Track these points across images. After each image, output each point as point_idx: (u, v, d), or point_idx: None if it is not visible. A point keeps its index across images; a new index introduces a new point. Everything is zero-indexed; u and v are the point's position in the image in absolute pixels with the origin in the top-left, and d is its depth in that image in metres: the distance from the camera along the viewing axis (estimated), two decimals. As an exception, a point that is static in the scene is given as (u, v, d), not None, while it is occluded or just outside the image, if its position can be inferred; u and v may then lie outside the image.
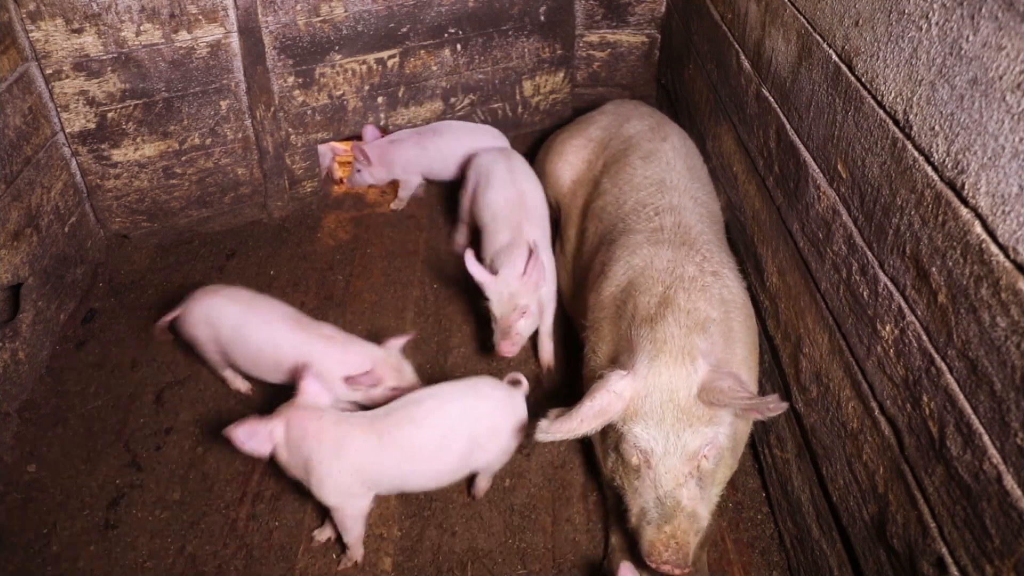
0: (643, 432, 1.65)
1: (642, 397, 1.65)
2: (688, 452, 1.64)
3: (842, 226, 1.64)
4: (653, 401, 1.64)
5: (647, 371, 1.66)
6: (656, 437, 1.64)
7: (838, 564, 1.66)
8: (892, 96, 1.43)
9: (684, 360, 1.66)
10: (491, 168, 2.67)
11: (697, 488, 1.67)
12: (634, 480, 1.71)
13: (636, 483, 1.70)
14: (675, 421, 1.63)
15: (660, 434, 1.64)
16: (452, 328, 2.58)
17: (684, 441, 1.64)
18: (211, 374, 2.39)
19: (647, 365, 1.67)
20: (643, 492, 1.68)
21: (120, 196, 2.77)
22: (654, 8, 3.31)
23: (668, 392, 1.64)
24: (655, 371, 1.65)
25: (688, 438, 1.64)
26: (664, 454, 1.64)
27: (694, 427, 1.63)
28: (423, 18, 2.97)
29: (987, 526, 1.14)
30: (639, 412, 1.65)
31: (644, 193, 2.29)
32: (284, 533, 1.98)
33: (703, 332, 1.75)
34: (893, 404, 1.43)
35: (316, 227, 3.05)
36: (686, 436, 1.63)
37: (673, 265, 1.95)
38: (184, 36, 2.58)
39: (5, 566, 1.88)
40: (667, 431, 1.64)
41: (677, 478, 1.64)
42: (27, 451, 2.16)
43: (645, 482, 1.67)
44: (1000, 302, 1.11)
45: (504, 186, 2.56)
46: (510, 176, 2.61)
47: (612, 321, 1.95)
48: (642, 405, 1.65)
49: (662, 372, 1.65)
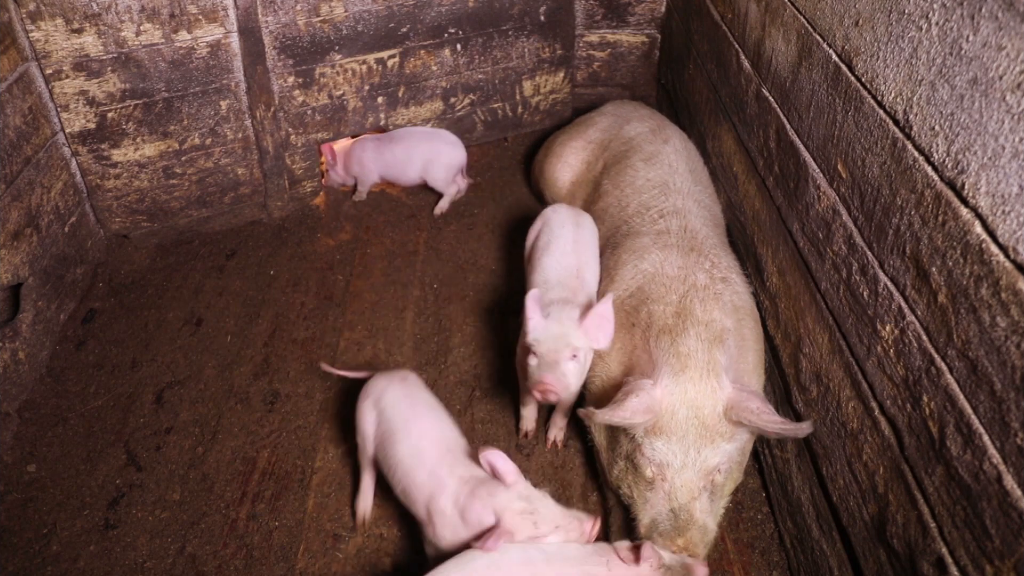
0: (664, 446, 1.64)
1: (669, 412, 1.64)
2: (706, 468, 1.64)
3: (842, 226, 1.64)
4: (679, 417, 1.63)
5: (674, 386, 1.65)
6: (676, 452, 1.64)
7: (838, 564, 1.66)
8: (892, 96, 1.43)
9: (709, 376, 1.66)
10: (557, 232, 2.31)
11: (708, 501, 1.67)
12: (645, 491, 1.70)
13: (648, 494, 1.69)
14: (697, 437, 1.63)
15: (680, 449, 1.64)
16: (452, 328, 2.58)
17: (704, 457, 1.64)
18: (211, 374, 2.40)
19: (673, 380, 1.66)
20: (655, 504, 1.67)
21: (120, 196, 2.77)
22: (654, 8, 3.31)
23: (694, 409, 1.63)
24: (681, 387, 1.65)
25: (708, 454, 1.64)
26: (681, 468, 1.64)
27: (715, 444, 1.64)
28: (423, 18, 2.97)
29: (987, 526, 1.14)
30: (663, 427, 1.64)
31: (647, 196, 2.29)
32: (284, 533, 1.98)
33: (722, 345, 1.75)
34: (893, 404, 1.43)
35: (316, 227, 3.05)
36: (706, 452, 1.64)
37: (685, 273, 1.94)
38: (184, 36, 2.58)
39: (5, 566, 1.88)
40: (688, 447, 1.64)
41: (692, 492, 1.64)
42: (27, 451, 2.16)
43: (658, 494, 1.67)
44: (1000, 302, 1.11)
45: (564, 255, 2.24)
46: (574, 247, 2.27)
47: (624, 328, 1.94)
48: (668, 421, 1.64)
49: (688, 388, 1.65)
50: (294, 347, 2.50)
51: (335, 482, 2.09)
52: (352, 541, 1.96)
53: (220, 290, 2.73)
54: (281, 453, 2.17)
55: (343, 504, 2.04)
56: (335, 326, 2.58)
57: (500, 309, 2.64)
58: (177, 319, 2.60)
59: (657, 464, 1.66)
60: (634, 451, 1.71)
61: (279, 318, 2.61)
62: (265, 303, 2.67)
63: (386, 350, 2.48)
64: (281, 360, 2.45)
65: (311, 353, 2.48)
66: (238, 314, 2.62)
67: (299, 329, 2.57)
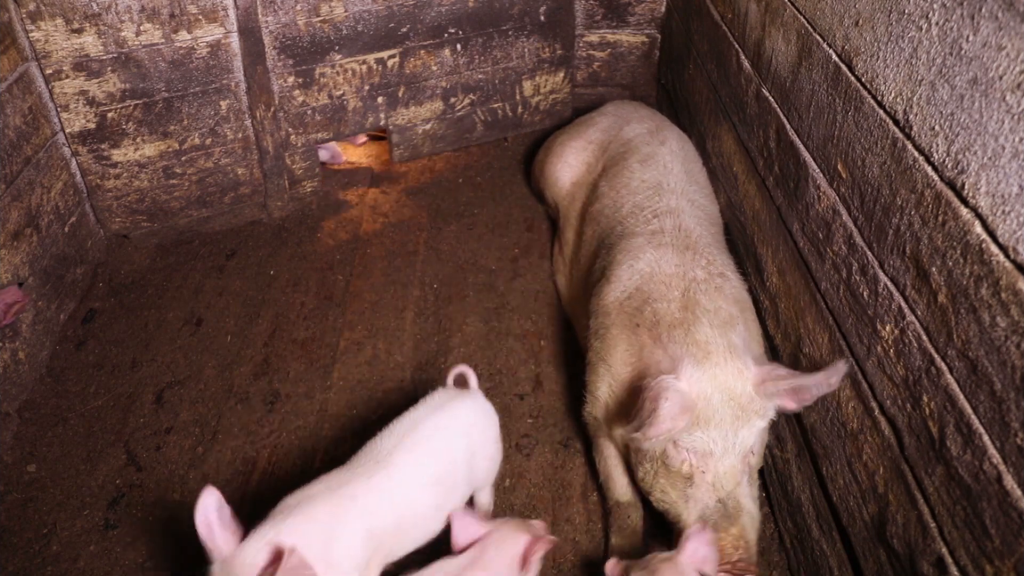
0: (703, 436, 1.62)
1: (704, 401, 1.62)
2: (744, 449, 1.64)
3: (842, 226, 1.64)
4: (714, 403, 1.62)
5: (700, 374, 1.64)
6: (716, 439, 1.62)
7: (838, 564, 1.66)
8: (892, 96, 1.43)
9: (732, 358, 1.66)
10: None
11: (748, 485, 1.67)
12: (685, 488, 1.67)
13: (690, 491, 1.66)
14: (734, 419, 1.62)
15: (720, 435, 1.62)
16: (452, 328, 2.58)
17: (741, 438, 1.63)
18: (211, 374, 2.40)
19: (697, 368, 1.64)
20: (701, 498, 1.65)
21: (120, 196, 2.77)
22: (654, 8, 3.31)
23: (726, 392, 1.62)
24: (708, 373, 1.64)
25: (744, 434, 1.63)
26: (723, 455, 1.63)
27: (751, 422, 1.63)
28: (423, 18, 2.97)
29: (987, 526, 1.14)
30: (699, 417, 1.61)
31: (641, 196, 2.29)
32: (284, 533, 1.98)
33: (735, 329, 1.76)
34: (893, 404, 1.43)
35: (316, 227, 3.05)
36: (743, 433, 1.63)
37: (683, 269, 1.94)
38: (184, 36, 2.58)
39: (5, 566, 1.88)
40: (726, 432, 1.62)
41: (736, 477, 1.63)
42: (27, 451, 2.16)
43: (701, 488, 1.64)
44: (1000, 302, 1.11)
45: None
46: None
47: (625, 328, 1.93)
48: (704, 409, 1.61)
49: (716, 373, 1.64)
50: (294, 347, 2.50)
51: (335, 482, 2.09)
52: (352, 541, 1.96)
53: (220, 290, 2.73)
54: (281, 453, 2.17)
55: (343, 504, 2.04)
56: (335, 326, 2.58)
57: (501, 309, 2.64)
58: (177, 319, 2.60)
59: (699, 455, 1.63)
60: (666, 448, 1.67)
61: (279, 318, 2.61)
62: (265, 303, 2.67)
63: (386, 350, 2.48)
64: (281, 360, 2.45)
65: (311, 353, 2.48)
66: (238, 314, 2.62)
67: (299, 329, 2.57)
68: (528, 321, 2.60)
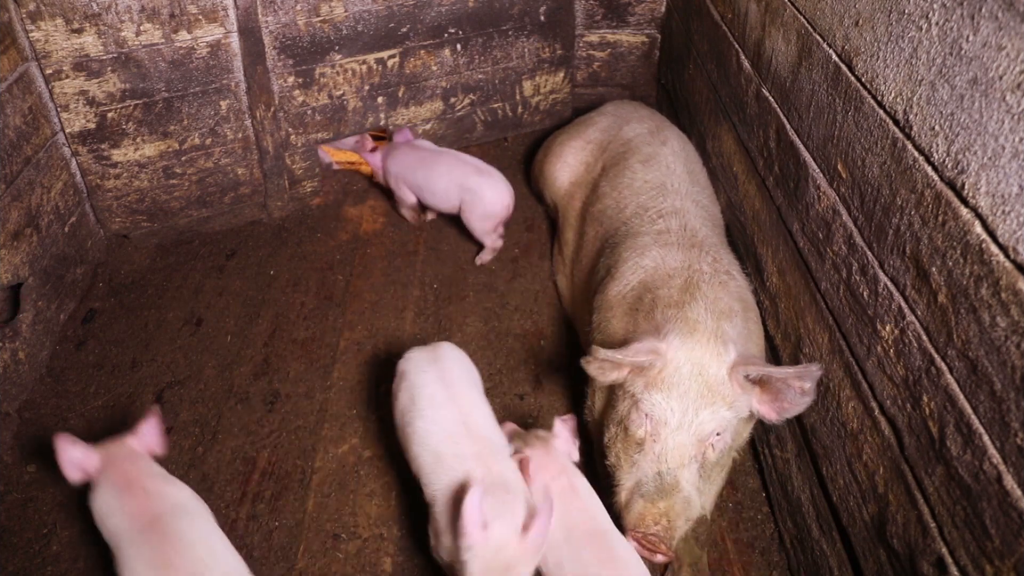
0: (663, 401, 1.63)
1: (673, 366, 1.64)
2: (701, 433, 1.63)
3: (842, 226, 1.64)
4: (683, 372, 1.63)
5: (680, 343, 1.66)
6: (674, 409, 1.63)
7: (838, 564, 1.66)
8: (892, 96, 1.43)
9: (716, 342, 1.67)
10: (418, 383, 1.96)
11: (697, 475, 1.65)
12: (634, 454, 1.68)
13: (636, 456, 1.67)
14: (698, 396, 1.63)
15: (680, 407, 1.63)
16: (452, 328, 2.58)
17: (701, 419, 1.63)
18: (211, 374, 2.40)
19: (680, 339, 1.67)
20: (642, 466, 1.65)
21: (120, 196, 2.77)
22: (654, 8, 3.31)
23: (699, 367, 1.64)
24: (688, 346, 1.66)
25: (705, 417, 1.63)
26: (677, 428, 1.63)
27: (715, 406, 1.63)
28: (423, 18, 2.97)
29: (987, 526, 1.14)
30: (665, 380, 1.64)
31: (645, 197, 2.29)
32: (284, 533, 1.98)
33: (730, 320, 1.77)
34: (893, 404, 1.43)
35: (316, 227, 3.05)
36: (704, 415, 1.63)
37: (688, 263, 1.96)
38: (184, 36, 2.58)
39: (5, 566, 1.88)
40: (687, 405, 1.63)
41: (682, 458, 1.63)
42: (27, 451, 2.16)
43: (648, 456, 1.65)
44: (1000, 302, 1.11)
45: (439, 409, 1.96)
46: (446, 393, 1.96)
47: (627, 314, 1.95)
48: (671, 374, 1.64)
49: (695, 348, 1.66)
50: (294, 347, 2.50)
51: (335, 482, 2.09)
52: (352, 541, 1.96)
53: (220, 290, 2.73)
54: (281, 453, 2.17)
55: (343, 504, 2.04)
56: (335, 326, 2.58)
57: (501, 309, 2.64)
58: (177, 319, 2.60)
59: (653, 420, 1.64)
60: (631, 408, 1.69)
61: (279, 318, 2.61)
62: (265, 303, 2.67)
63: (386, 350, 2.48)
64: (281, 360, 2.45)
65: (311, 353, 2.48)
66: (238, 314, 2.62)
67: (299, 329, 2.57)
68: (528, 321, 2.61)
